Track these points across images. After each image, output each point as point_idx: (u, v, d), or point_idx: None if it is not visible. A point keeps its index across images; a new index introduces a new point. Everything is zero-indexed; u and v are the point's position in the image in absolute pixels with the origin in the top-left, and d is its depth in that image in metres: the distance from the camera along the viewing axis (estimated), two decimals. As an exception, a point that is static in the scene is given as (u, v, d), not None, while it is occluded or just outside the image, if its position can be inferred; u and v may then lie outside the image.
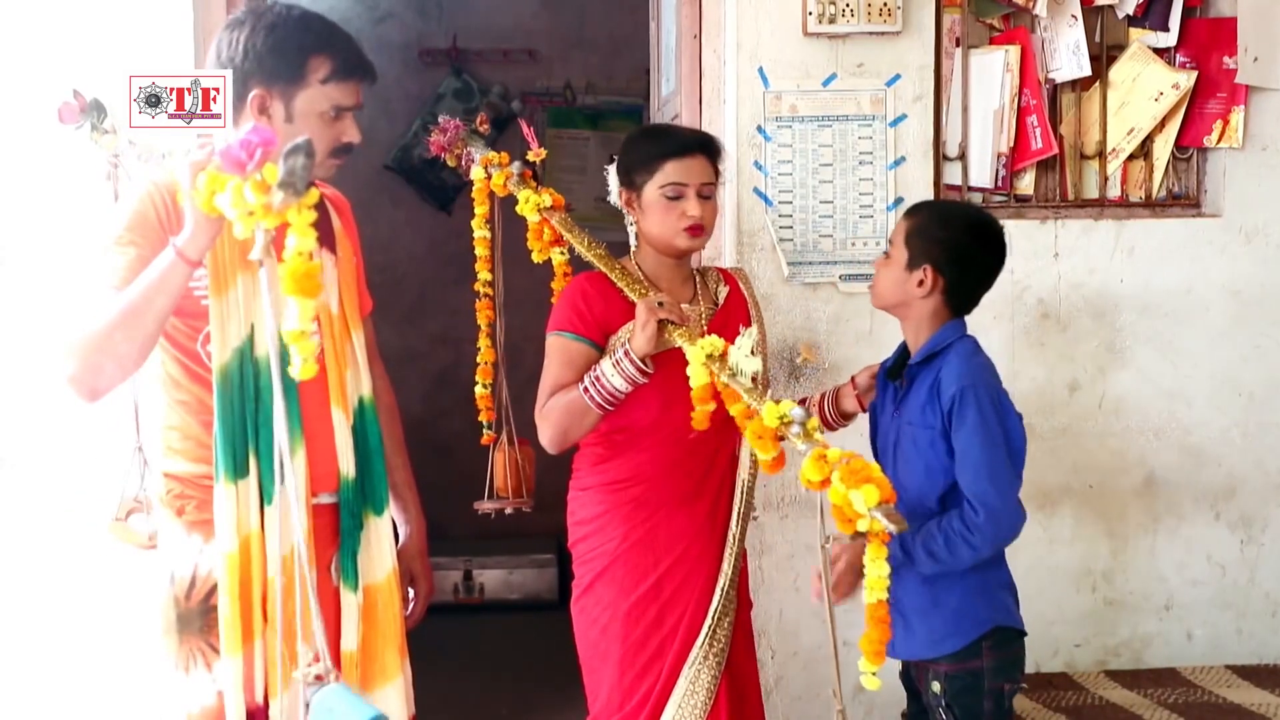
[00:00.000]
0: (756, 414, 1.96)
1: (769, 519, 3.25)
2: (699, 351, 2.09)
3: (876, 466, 1.72)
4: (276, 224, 1.46)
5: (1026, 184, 3.43)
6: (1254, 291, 3.41)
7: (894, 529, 1.68)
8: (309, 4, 2.56)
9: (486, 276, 2.94)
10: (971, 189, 3.39)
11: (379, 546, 2.18)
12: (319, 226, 1.50)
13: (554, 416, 2.48)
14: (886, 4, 3.16)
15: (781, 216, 3.25)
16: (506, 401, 2.95)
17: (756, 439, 1.93)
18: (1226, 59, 3.40)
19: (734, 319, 2.58)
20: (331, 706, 1.52)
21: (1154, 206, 3.47)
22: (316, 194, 1.50)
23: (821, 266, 3.27)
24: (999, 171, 3.38)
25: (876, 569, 1.78)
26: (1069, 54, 3.35)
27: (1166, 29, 3.40)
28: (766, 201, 3.25)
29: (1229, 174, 3.42)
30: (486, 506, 2.94)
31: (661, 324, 2.34)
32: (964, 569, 2.29)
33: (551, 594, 5.08)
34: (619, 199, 2.59)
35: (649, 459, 2.52)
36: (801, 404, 2.65)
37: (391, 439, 2.33)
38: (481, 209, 2.89)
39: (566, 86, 5.68)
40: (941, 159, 3.34)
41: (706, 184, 2.51)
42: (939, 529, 2.28)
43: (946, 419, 2.31)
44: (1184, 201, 3.49)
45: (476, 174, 2.85)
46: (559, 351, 2.52)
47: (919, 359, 2.39)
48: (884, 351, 2.56)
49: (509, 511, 2.92)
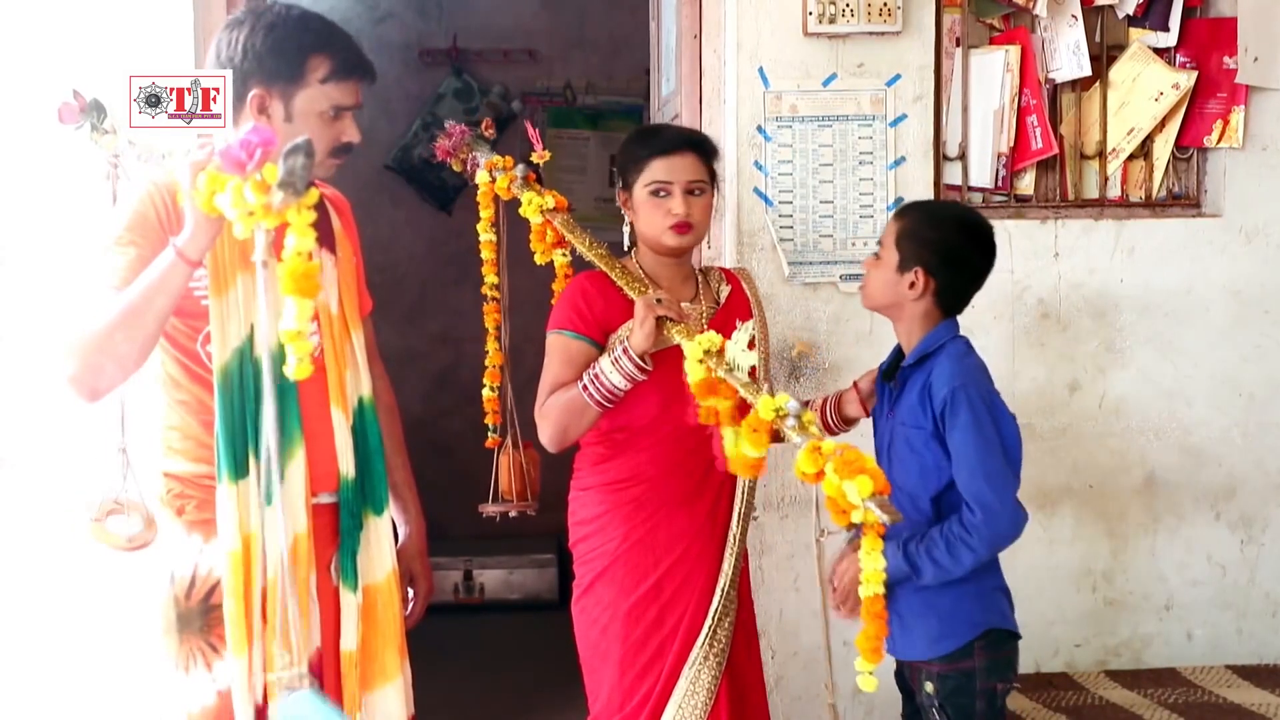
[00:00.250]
0: (750, 409, 1.95)
1: (769, 519, 3.25)
2: (696, 347, 2.08)
3: (870, 458, 1.71)
4: (276, 224, 1.46)
5: (1026, 184, 3.43)
6: (1254, 291, 3.41)
7: (887, 520, 1.66)
8: (309, 4, 2.56)
9: (493, 280, 2.93)
10: (971, 189, 3.39)
11: (379, 546, 2.17)
12: (318, 226, 1.51)
13: (553, 415, 2.48)
14: (886, 4, 3.16)
15: (782, 216, 3.25)
16: (511, 405, 2.95)
17: (750, 433, 1.92)
18: (1226, 59, 3.40)
19: (735, 318, 2.57)
20: (301, 713, 1.53)
21: (1154, 206, 3.47)
22: (316, 194, 1.50)
23: (821, 266, 3.27)
24: (999, 171, 3.38)
25: (872, 561, 1.76)
26: (1069, 54, 3.35)
27: (1166, 29, 3.40)
28: (767, 201, 3.25)
29: (1229, 174, 3.42)
30: (490, 510, 2.93)
31: (660, 321, 2.34)
32: (964, 574, 2.29)
33: (551, 594, 5.08)
34: (618, 200, 2.60)
35: (649, 459, 2.52)
36: (804, 406, 2.66)
37: (391, 439, 2.32)
38: (486, 213, 2.89)
39: (566, 86, 5.67)
40: (941, 159, 3.34)
41: (695, 181, 2.51)
42: (940, 535, 2.28)
43: (939, 420, 2.31)
44: (1184, 201, 3.49)
45: (481, 178, 2.85)
46: (559, 350, 2.52)
47: (911, 360, 2.39)
48: (884, 352, 2.56)
49: (512, 515, 2.92)
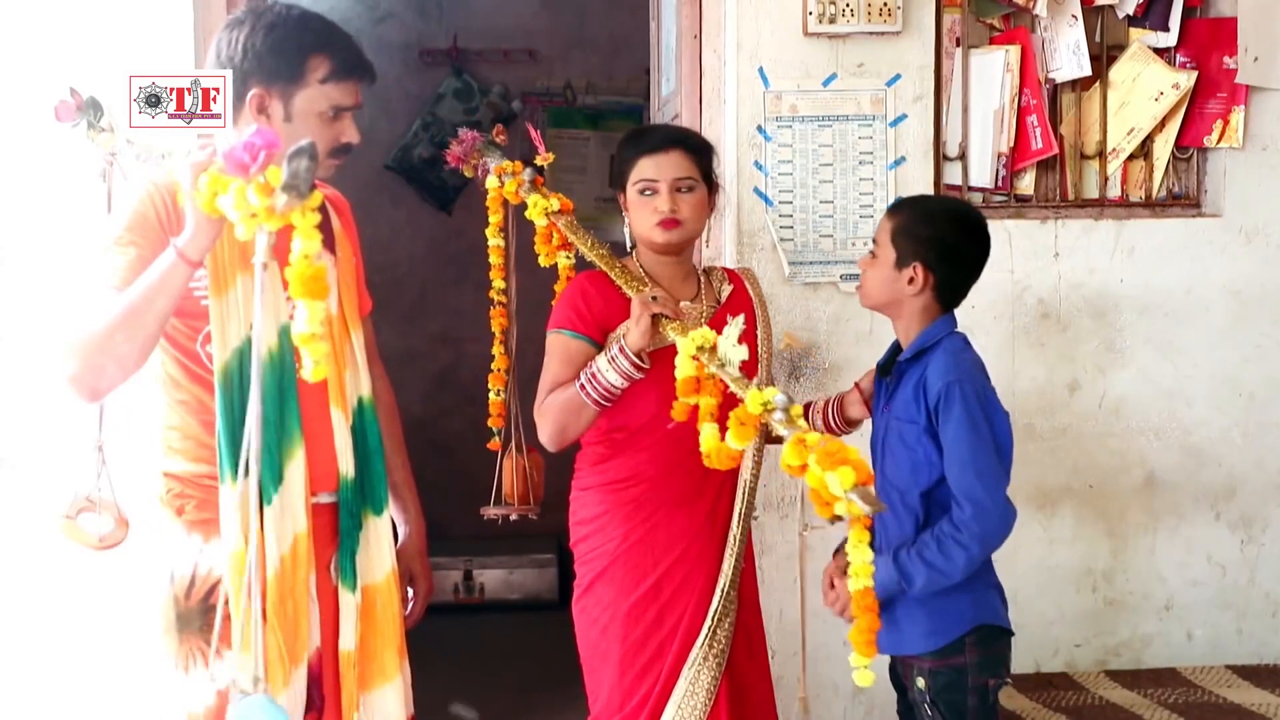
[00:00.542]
0: (740, 403, 1.95)
1: (769, 519, 3.25)
2: (689, 344, 2.08)
3: (854, 449, 1.69)
4: (279, 226, 1.45)
5: (1027, 184, 3.43)
6: (1254, 291, 3.41)
7: (870, 510, 1.64)
8: (309, 4, 2.56)
9: (501, 284, 2.94)
10: (972, 189, 3.39)
11: (378, 546, 2.17)
12: (319, 227, 1.50)
13: (551, 413, 2.48)
14: (886, 4, 3.16)
15: (782, 216, 3.25)
16: (516, 408, 2.94)
17: (738, 426, 1.93)
18: (1226, 59, 3.39)
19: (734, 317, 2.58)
20: (251, 717, 1.54)
21: (1154, 206, 3.46)
22: (320, 197, 1.50)
23: (822, 266, 3.27)
24: (999, 171, 3.38)
25: (860, 555, 1.74)
26: (1069, 54, 3.35)
27: (1167, 29, 3.40)
28: (767, 201, 3.25)
29: (1229, 174, 3.42)
30: (492, 512, 2.93)
31: (656, 319, 2.34)
32: (959, 576, 2.28)
33: (552, 594, 5.08)
34: (620, 201, 2.61)
35: (648, 458, 2.52)
36: (805, 409, 2.66)
37: (391, 439, 2.32)
38: (496, 217, 2.90)
39: (567, 86, 5.67)
40: (942, 159, 3.34)
41: (682, 178, 2.51)
42: (931, 536, 2.28)
43: (932, 415, 2.31)
44: (1184, 201, 3.49)
45: (491, 183, 2.86)
46: (559, 349, 2.52)
47: (908, 355, 2.40)
48: (883, 351, 2.56)
49: (514, 518, 2.92)
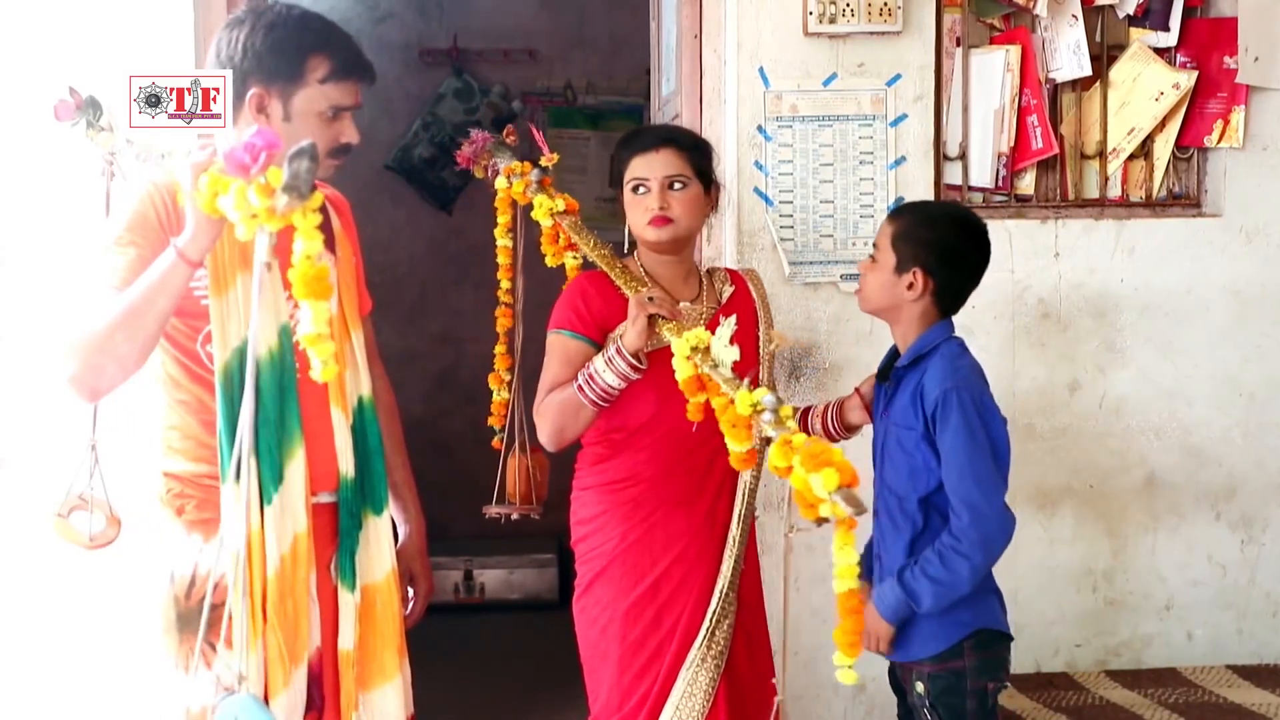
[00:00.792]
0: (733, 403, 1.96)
1: (769, 519, 3.25)
2: (684, 344, 2.08)
3: (839, 450, 1.69)
4: (280, 227, 1.45)
5: (1027, 184, 3.43)
6: (1254, 291, 3.41)
7: (854, 513, 1.64)
8: (309, 4, 2.56)
9: (507, 285, 2.95)
10: (972, 189, 3.39)
11: (378, 546, 2.17)
12: (319, 228, 1.50)
13: (550, 413, 2.48)
14: (887, 4, 3.16)
15: (782, 216, 3.25)
16: (521, 409, 2.95)
17: (731, 428, 1.93)
18: (1227, 59, 3.39)
19: (737, 318, 2.58)
20: (234, 716, 1.54)
21: (1154, 206, 3.46)
22: (320, 197, 1.50)
23: (822, 266, 3.27)
24: (999, 171, 3.38)
25: (844, 557, 1.74)
26: (1069, 54, 3.35)
27: (1167, 29, 3.40)
28: (767, 201, 3.25)
29: (1229, 174, 3.41)
30: (494, 511, 2.93)
31: (652, 320, 2.34)
32: (966, 588, 2.27)
33: (552, 594, 5.08)
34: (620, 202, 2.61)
35: (647, 458, 2.51)
36: (806, 414, 2.66)
37: (391, 438, 2.32)
38: (504, 218, 2.91)
39: (567, 86, 5.67)
40: (942, 159, 3.34)
41: (673, 176, 2.50)
42: (933, 551, 2.28)
43: (930, 421, 2.31)
44: (1184, 201, 3.49)
45: (500, 184, 2.87)
46: (558, 349, 2.52)
47: (906, 361, 2.39)
48: (883, 352, 2.56)
49: (515, 517, 2.92)
